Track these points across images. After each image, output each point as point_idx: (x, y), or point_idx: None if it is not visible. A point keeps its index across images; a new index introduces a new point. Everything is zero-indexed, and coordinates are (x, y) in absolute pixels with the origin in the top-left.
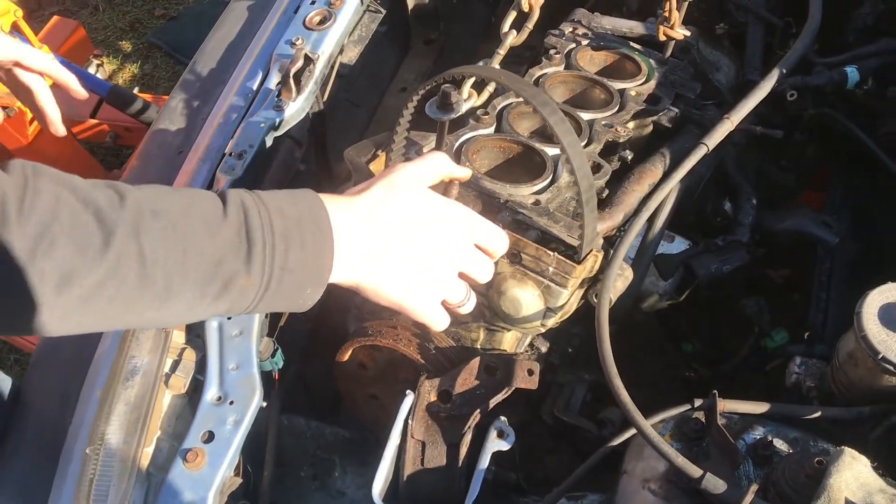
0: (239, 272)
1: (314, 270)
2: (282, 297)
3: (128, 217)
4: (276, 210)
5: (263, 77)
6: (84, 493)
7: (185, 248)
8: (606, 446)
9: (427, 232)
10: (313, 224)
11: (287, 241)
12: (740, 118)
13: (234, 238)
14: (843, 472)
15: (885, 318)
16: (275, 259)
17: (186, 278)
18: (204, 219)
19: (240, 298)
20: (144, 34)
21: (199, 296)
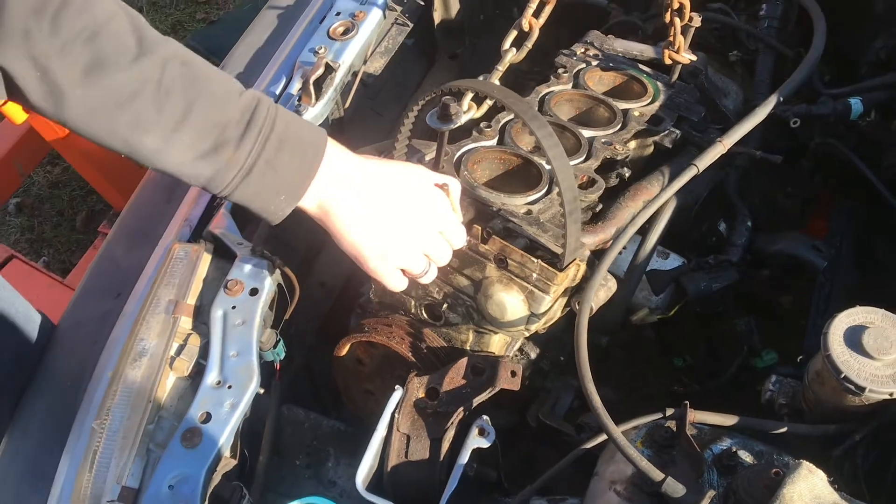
0: (229, 143)
1: (293, 178)
2: (258, 189)
3: (163, 51)
4: (285, 118)
5: (286, 83)
6: (88, 464)
7: (196, 99)
8: (578, 448)
9: (409, 204)
10: (310, 143)
11: (280, 143)
12: (733, 142)
13: (237, 115)
14: (798, 483)
15: (850, 340)
16: (264, 149)
17: (186, 123)
18: (222, 87)
19: (223, 169)
20: (185, 36)
21: (191, 145)
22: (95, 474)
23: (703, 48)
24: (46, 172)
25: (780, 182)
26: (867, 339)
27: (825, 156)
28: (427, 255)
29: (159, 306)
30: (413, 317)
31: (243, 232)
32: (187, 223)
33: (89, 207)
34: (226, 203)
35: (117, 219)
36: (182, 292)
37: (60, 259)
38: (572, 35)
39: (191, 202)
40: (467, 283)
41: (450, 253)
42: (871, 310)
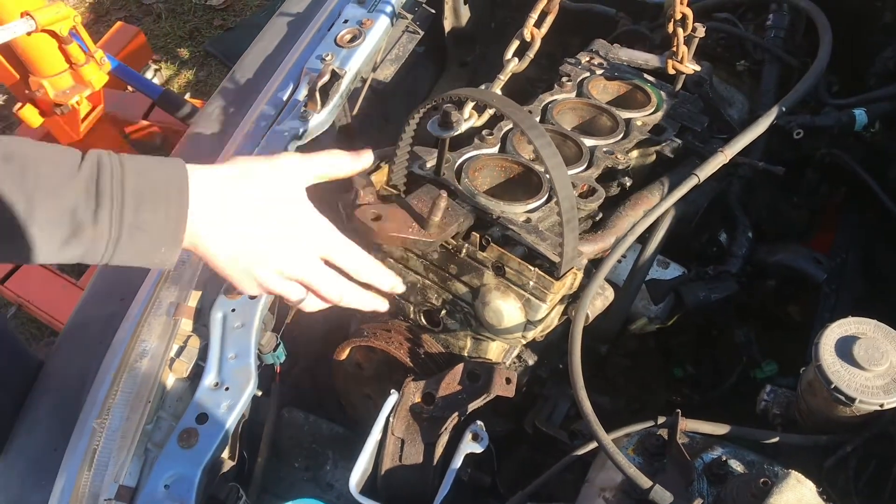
0: (86, 223)
1: (167, 230)
2: (136, 252)
3: None
4: (133, 170)
5: (293, 89)
6: (88, 462)
7: (32, 194)
8: (570, 455)
9: (273, 232)
10: (172, 187)
11: (139, 201)
12: (734, 152)
13: (82, 192)
14: (786, 493)
15: (841, 351)
16: (123, 216)
17: (32, 221)
18: (55, 169)
19: (91, 247)
20: (202, 43)
21: (48, 239)
22: (94, 472)
23: (710, 58)
24: None
25: (786, 193)
26: (858, 349)
27: (831, 166)
28: (303, 282)
29: (161, 308)
30: (412, 322)
31: None
32: None
33: None
34: None
35: None
36: (183, 295)
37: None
38: (581, 43)
39: None
40: (465, 289)
41: (331, 282)
42: (862, 320)
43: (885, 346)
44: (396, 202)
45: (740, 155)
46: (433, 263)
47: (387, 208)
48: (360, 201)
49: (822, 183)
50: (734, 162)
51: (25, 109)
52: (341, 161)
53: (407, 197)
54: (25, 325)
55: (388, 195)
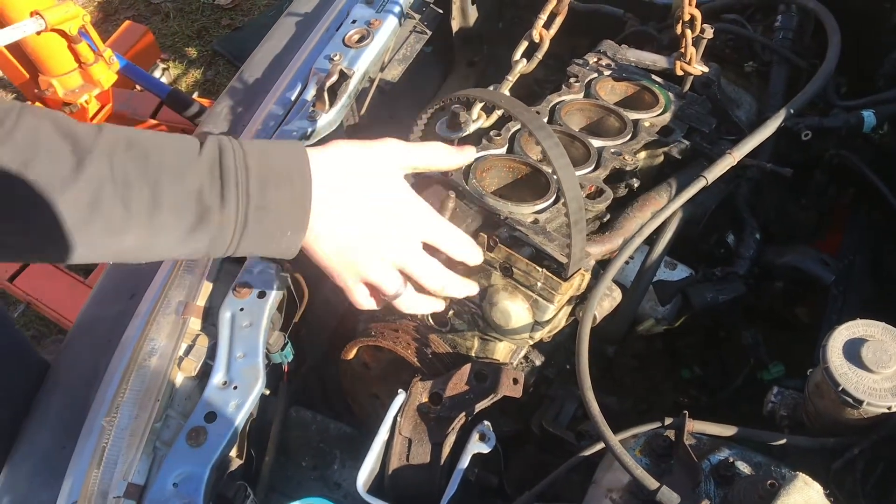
0: (213, 207)
1: (293, 211)
2: (262, 237)
3: (102, 144)
4: (254, 152)
5: (302, 89)
6: (97, 460)
7: (158, 178)
8: (576, 456)
9: (380, 217)
10: (294, 168)
11: (263, 182)
12: (742, 154)
13: (206, 174)
14: (793, 495)
15: (849, 353)
16: (249, 197)
17: (160, 206)
18: (177, 153)
19: (219, 234)
20: (210, 42)
21: (175, 226)
22: (103, 470)
23: (718, 59)
24: None
25: (795, 194)
26: (866, 352)
27: (839, 168)
28: (403, 269)
29: (170, 307)
30: (420, 322)
31: None
32: None
33: None
34: None
35: None
36: (192, 294)
37: None
38: (589, 44)
39: None
40: None
41: (435, 269)
42: (871, 323)
43: (894, 349)
44: None
45: (748, 156)
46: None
47: None
48: None
49: (830, 185)
50: (742, 163)
51: None
52: (444, 154)
53: None
54: (33, 322)
55: None
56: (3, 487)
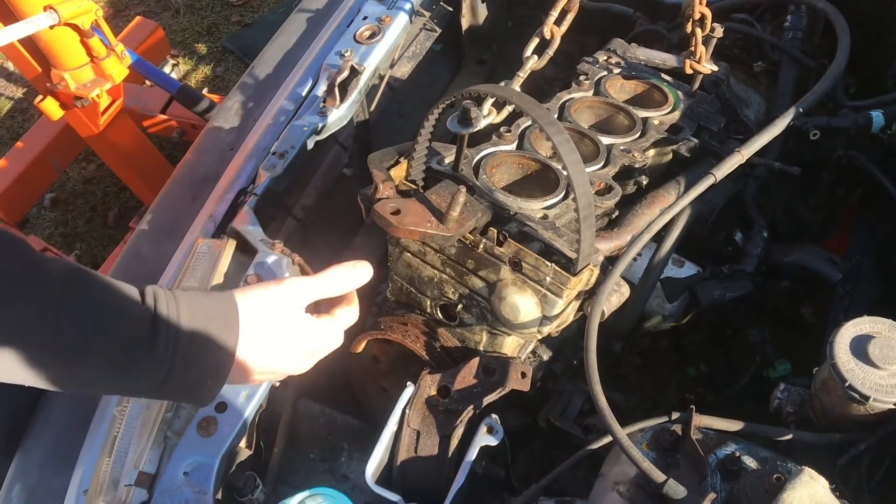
0: (143, 351)
1: (215, 363)
2: (184, 384)
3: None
4: (188, 304)
5: (313, 84)
6: (108, 449)
7: (104, 325)
8: (584, 449)
9: (288, 354)
10: (222, 323)
11: (193, 330)
12: (751, 152)
13: (143, 321)
14: (799, 489)
15: (856, 349)
16: (178, 347)
17: (93, 348)
18: (122, 300)
19: (144, 375)
20: (220, 38)
21: (104, 365)
22: (115, 459)
23: (728, 58)
24: (81, 169)
25: (803, 194)
26: (873, 348)
27: (847, 168)
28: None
29: None
30: (429, 316)
31: (266, 229)
32: (211, 219)
33: (121, 204)
34: (249, 201)
35: (144, 215)
36: (204, 284)
37: (92, 253)
38: (599, 43)
39: (216, 200)
40: (482, 284)
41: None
42: (878, 320)
43: None
44: (415, 197)
45: (757, 155)
46: (450, 258)
47: (406, 203)
48: (379, 196)
49: (838, 184)
50: (750, 162)
51: (46, 102)
52: (343, 280)
53: (426, 192)
54: None
55: (406, 190)
56: (15, 475)
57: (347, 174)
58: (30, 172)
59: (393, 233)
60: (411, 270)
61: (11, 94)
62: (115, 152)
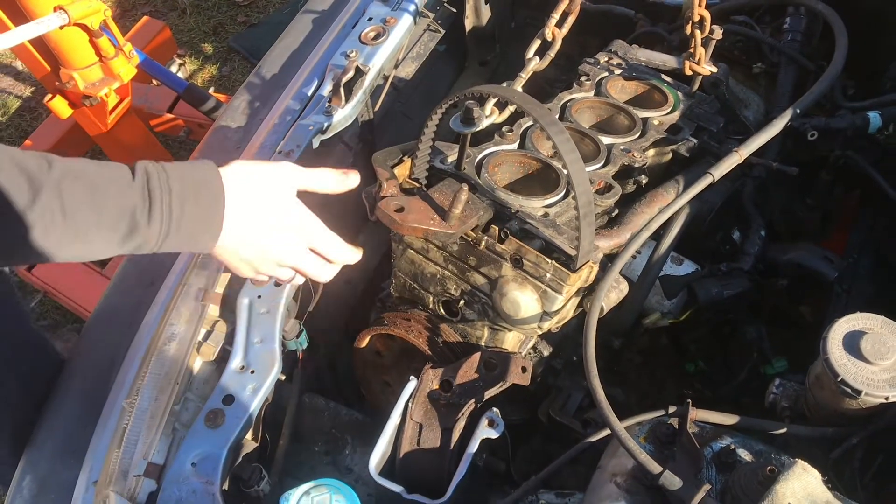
0: (141, 222)
1: (207, 221)
2: (181, 240)
3: (54, 176)
4: (176, 175)
5: (318, 84)
6: (117, 440)
7: (101, 204)
8: (583, 442)
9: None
10: (207, 187)
11: (183, 199)
12: (749, 152)
13: (139, 198)
14: (792, 481)
15: (849, 345)
16: (172, 212)
17: (101, 227)
18: (116, 181)
19: (144, 242)
20: (226, 38)
21: (110, 238)
22: (124, 450)
23: (727, 60)
24: None
25: (801, 194)
26: (865, 344)
27: (845, 168)
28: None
29: (189, 294)
30: (431, 312)
31: None
32: None
33: None
34: None
35: None
36: (211, 281)
37: None
38: (600, 44)
39: None
40: (484, 281)
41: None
42: (870, 316)
43: (892, 342)
44: (418, 195)
45: (755, 155)
46: (453, 255)
47: (409, 200)
48: (383, 193)
49: (836, 184)
50: (749, 162)
51: (55, 101)
52: (332, 178)
53: (429, 190)
54: (49, 312)
55: (410, 188)
56: (26, 468)
57: None
58: None
59: (397, 230)
60: (414, 267)
61: (20, 92)
62: (122, 150)
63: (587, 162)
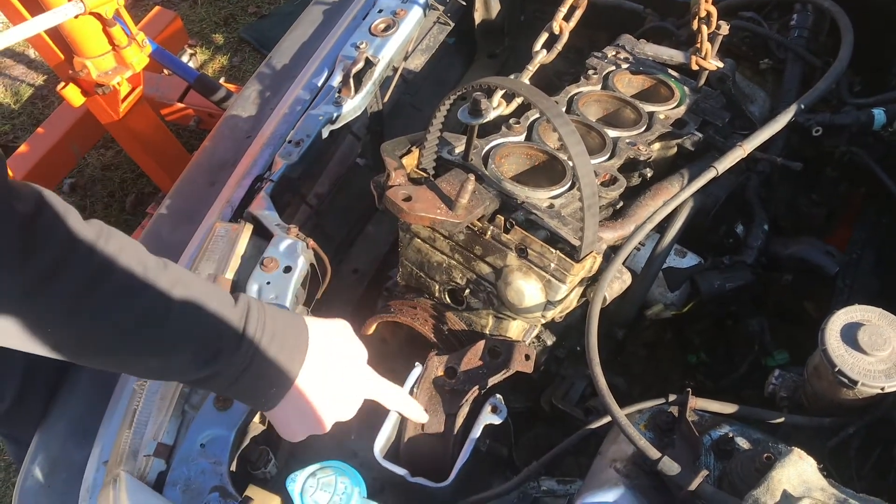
0: (229, 348)
1: (284, 370)
2: (255, 383)
3: (167, 279)
4: (272, 315)
5: (328, 75)
6: (128, 422)
7: (197, 320)
8: (585, 428)
9: (337, 398)
10: (295, 336)
11: (272, 339)
12: (753, 147)
13: (234, 323)
14: (788, 468)
15: (847, 336)
16: (259, 347)
17: (189, 343)
18: (217, 302)
19: (223, 370)
20: (236, 29)
21: (194, 357)
22: (134, 431)
23: (734, 55)
24: (100, 155)
25: (805, 189)
26: (863, 335)
27: (850, 164)
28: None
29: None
30: (437, 300)
31: (282, 215)
32: (229, 204)
33: (139, 190)
34: (266, 187)
35: (164, 199)
36: (221, 267)
37: None
38: (608, 38)
39: (233, 185)
40: (489, 270)
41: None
42: (868, 308)
43: (889, 333)
44: (426, 184)
45: (759, 150)
46: (459, 244)
47: (417, 190)
48: (391, 182)
49: (840, 180)
50: (753, 157)
51: (68, 89)
52: (400, 399)
53: (436, 180)
54: None
55: (417, 178)
56: (37, 448)
57: (360, 164)
58: (50, 158)
59: (404, 218)
60: (421, 256)
61: (32, 80)
62: (134, 139)
63: (593, 154)
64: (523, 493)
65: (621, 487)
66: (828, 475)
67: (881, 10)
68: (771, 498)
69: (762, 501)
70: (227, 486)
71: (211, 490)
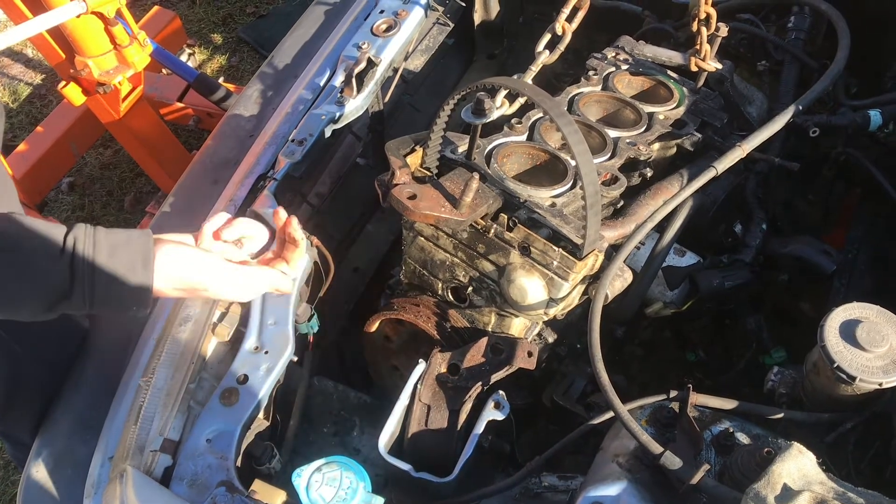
0: (64, 298)
1: (133, 297)
2: (108, 310)
3: None
4: (107, 247)
5: (330, 75)
6: (133, 418)
7: (22, 282)
8: (587, 424)
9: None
10: (140, 262)
11: (109, 275)
12: (751, 147)
13: (62, 272)
14: (788, 462)
15: (845, 333)
16: (95, 289)
17: (24, 299)
18: (45, 254)
19: (69, 310)
20: (235, 29)
21: (36, 307)
22: (140, 427)
23: (732, 57)
24: (98, 154)
25: (802, 189)
26: (861, 332)
27: (846, 165)
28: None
29: None
30: (440, 298)
31: None
32: (232, 203)
33: (137, 189)
34: (269, 185)
35: (167, 196)
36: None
37: None
38: (608, 40)
39: (236, 184)
40: (492, 268)
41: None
42: (866, 306)
43: (886, 330)
44: (430, 183)
45: (757, 150)
46: (462, 242)
47: (421, 188)
48: (396, 181)
49: (837, 180)
50: (751, 157)
51: (69, 88)
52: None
53: (440, 178)
54: None
55: (421, 176)
56: (42, 444)
57: (360, 164)
58: (49, 157)
59: (409, 216)
60: (424, 254)
61: (31, 80)
62: (134, 138)
63: (594, 154)
64: (525, 489)
65: (623, 481)
66: (827, 469)
67: (877, 13)
68: (771, 491)
69: (763, 495)
70: (234, 481)
71: (218, 484)
